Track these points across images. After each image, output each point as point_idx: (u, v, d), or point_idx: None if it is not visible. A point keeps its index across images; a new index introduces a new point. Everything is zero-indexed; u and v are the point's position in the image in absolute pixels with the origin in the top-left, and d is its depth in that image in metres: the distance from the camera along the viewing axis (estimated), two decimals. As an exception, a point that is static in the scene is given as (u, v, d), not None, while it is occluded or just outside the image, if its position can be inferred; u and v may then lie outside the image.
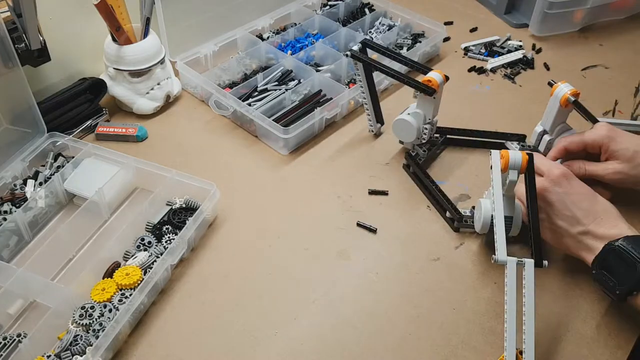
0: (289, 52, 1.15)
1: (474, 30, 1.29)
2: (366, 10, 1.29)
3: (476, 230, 0.79)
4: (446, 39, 1.24)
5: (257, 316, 0.73)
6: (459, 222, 0.83)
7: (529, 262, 0.66)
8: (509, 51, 1.21)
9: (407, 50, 1.16)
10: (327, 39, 1.16)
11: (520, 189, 0.75)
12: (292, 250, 0.82)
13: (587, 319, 0.74)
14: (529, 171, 0.71)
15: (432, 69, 0.89)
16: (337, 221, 0.86)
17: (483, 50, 1.22)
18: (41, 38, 0.88)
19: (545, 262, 0.68)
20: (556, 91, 0.86)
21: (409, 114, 0.90)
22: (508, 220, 0.74)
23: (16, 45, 0.85)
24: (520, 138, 0.97)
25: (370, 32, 1.22)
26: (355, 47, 0.93)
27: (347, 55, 0.92)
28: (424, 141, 0.93)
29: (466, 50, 1.22)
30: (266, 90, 1.05)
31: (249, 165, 0.95)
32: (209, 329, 0.72)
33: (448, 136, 0.98)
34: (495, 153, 0.72)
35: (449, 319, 0.73)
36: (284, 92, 1.03)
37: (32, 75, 0.93)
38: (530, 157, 0.71)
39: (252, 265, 0.80)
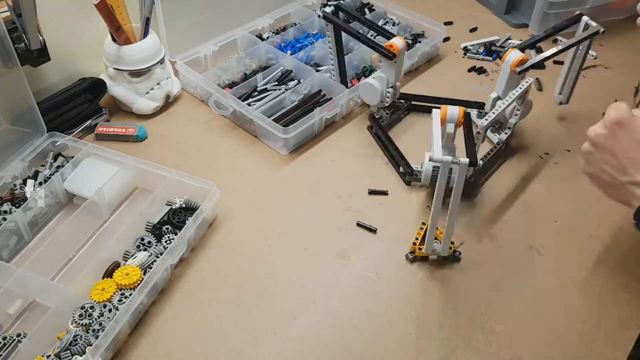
0: (289, 52, 1.15)
1: (473, 30, 1.29)
2: (366, 10, 1.29)
3: (422, 180, 0.86)
4: (446, 39, 1.24)
5: (257, 316, 0.73)
6: (409, 176, 0.90)
7: (464, 161, 0.70)
8: (509, 51, 1.21)
9: (407, 51, 1.16)
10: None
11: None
12: (292, 250, 0.82)
13: (587, 319, 0.74)
14: (466, 124, 0.78)
15: (395, 35, 0.96)
16: (337, 221, 0.86)
17: (481, 50, 1.22)
18: (41, 38, 0.88)
19: (480, 162, 0.72)
20: (507, 58, 0.90)
21: (374, 77, 0.96)
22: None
23: (16, 45, 0.85)
24: (479, 105, 1.03)
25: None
26: (328, 9, 0.99)
27: (319, 16, 0.99)
28: (387, 104, 0.99)
29: (465, 50, 1.22)
30: (266, 90, 1.05)
31: (248, 165, 0.95)
32: (209, 329, 0.72)
33: (412, 102, 1.05)
34: (435, 111, 0.79)
35: (449, 319, 0.73)
36: (283, 92, 1.03)
37: (31, 75, 0.93)
38: (467, 114, 0.78)
39: (252, 265, 0.80)
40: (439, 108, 0.80)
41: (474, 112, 1.01)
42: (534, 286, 0.77)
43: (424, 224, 0.82)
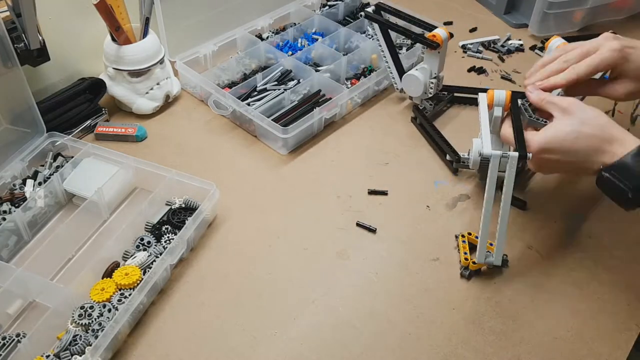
0: (289, 52, 1.15)
1: (473, 30, 1.29)
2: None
3: (470, 166, 0.83)
4: (446, 39, 1.24)
5: (256, 316, 0.73)
6: (457, 163, 0.91)
7: (514, 154, 0.70)
8: (509, 50, 1.21)
9: (407, 50, 1.16)
10: (328, 37, 1.16)
11: (505, 131, 0.75)
12: (292, 250, 0.82)
13: (587, 319, 0.74)
14: (513, 107, 0.76)
15: (437, 26, 0.99)
16: (336, 221, 0.86)
17: (481, 49, 1.22)
18: (40, 38, 0.88)
19: (529, 154, 0.70)
20: (550, 44, 0.88)
21: (416, 69, 0.99)
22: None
23: (15, 45, 0.84)
24: (522, 96, 0.98)
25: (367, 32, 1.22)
26: (370, 9, 1.03)
27: (360, 16, 1.02)
28: (430, 95, 1.02)
29: (464, 48, 1.22)
30: (265, 90, 1.05)
31: (248, 165, 0.95)
32: (209, 329, 0.72)
33: (455, 94, 1.07)
34: (481, 94, 0.78)
35: (449, 319, 0.73)
36: (283, 92, 1.03)
37: (31, 75, 0.93)
38: (514, 94, 0.77)
39: (251, 265, 0.80)
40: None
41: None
42: (534, 286, 0.77)
43: (463, 236, 0.81)
